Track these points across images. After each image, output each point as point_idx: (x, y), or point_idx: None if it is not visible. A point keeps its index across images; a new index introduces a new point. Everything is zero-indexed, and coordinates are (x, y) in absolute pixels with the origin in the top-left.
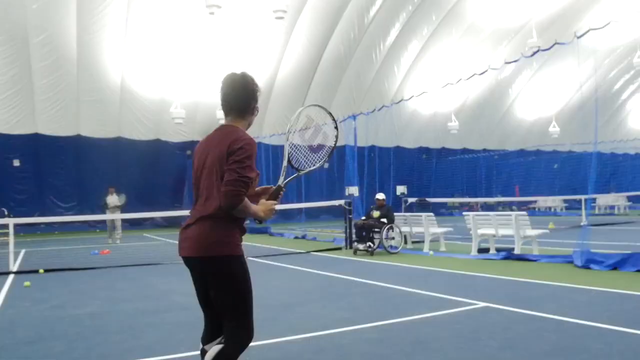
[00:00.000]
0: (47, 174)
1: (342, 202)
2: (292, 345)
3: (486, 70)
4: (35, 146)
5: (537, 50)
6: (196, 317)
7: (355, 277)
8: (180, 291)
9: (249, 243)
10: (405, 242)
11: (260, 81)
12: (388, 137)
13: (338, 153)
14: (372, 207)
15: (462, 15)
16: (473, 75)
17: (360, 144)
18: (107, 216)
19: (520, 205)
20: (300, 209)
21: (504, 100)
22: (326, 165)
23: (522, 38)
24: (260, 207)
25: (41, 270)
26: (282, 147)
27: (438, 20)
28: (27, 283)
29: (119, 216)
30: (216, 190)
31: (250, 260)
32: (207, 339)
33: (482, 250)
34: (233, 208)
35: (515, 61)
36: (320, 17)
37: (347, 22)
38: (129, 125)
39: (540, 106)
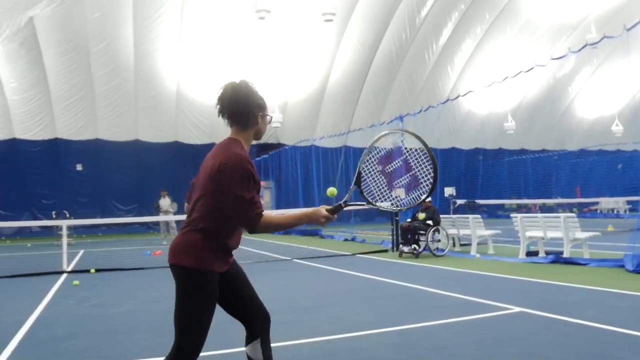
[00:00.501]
0: (107, 178)
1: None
2: (304, 348)
3: (532, 68)
4: (97, 151)
5: (585, 46)
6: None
7: (393, 279)
8: None
9: (297, 245)
10: (454, 245)
11: (312, 84)
12: (443, 138)
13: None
14: (418, 209)
15: (517, 12)
16: (519, 73)
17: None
18: (159, 218)
19: (582, 207)
20: (350, 211)
21: (562, 99)
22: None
23: (580, 34)
24: (312, 211)
25: (92, 270)
26: (333, 149)
27: (492, 18)
28: (76, 282)
29: (171, 218)
30: (201, 205)
31: (293, 262)
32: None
33: (532, 254)
34: (254, 231)
35: (561, 57)
36: (370, 18)
37: (398, 23)
38: (185, 129)
39: (602, 104)
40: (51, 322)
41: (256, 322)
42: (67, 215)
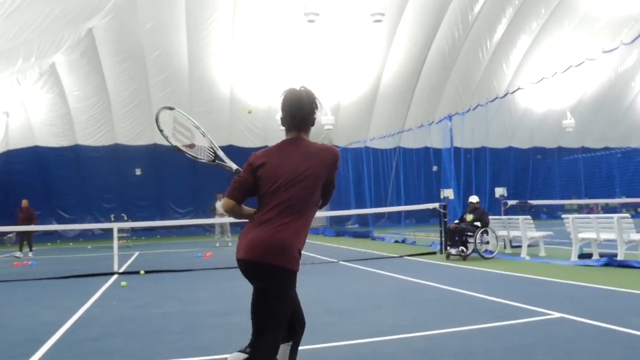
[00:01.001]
0: (165, 182)
1: (436, 205)
2: (331, 352)
3: (582, 62)
4: (154, 155)
5: (638, 37)
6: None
7: (435, 282)
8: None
9: (347, 247)
10: (505, 247)
11: (364, 85)
12: (499, 137)
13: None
14: (465, 210)
15: (574, 5)
16: (569, 68)
17: (466, 144)
18: (214, 220)
19: None
20: (400, 213)
21: (626, 94)
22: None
23: None
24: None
25: (142, 272)
26: (385, 150)
27: (548, 12)
28: (123, 283)
29: (226, 220)
30: (309, 199)
31: (339, 264)
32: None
33: (585, 256)
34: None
35: (613, 50)
36: (421, 17)
37: (450, 20)
38: (239, 133)
39: None
40: (91, 322)
41: (296, 326)
42: (125, 219)
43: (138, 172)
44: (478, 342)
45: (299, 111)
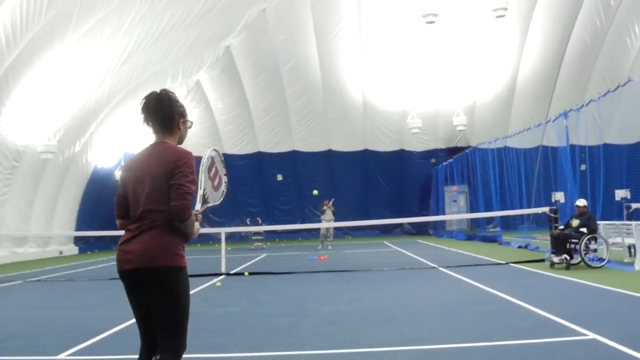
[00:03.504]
0: (305, 187)
1: (546, 209)
2: (345, 357)
3: None
4: (294, 162)
5: None
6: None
7: (505, 293)
8: (323, 298)
9: (466, 252)
10: (630, 255)
11: (499, 83)
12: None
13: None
14: (572, 215)
15: None
16: None
17: (590, 142)
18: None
19: None
20: (522, 216)
21: None
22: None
23: None
24: (195, 227)
25: (246, 273)
26: (527, 149)
27: None
28: (218, 284)
29: (337, 224)
30: (162, 205)
31: (437, 270)
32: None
33: None
34: (183, 221)
35: None
36: (556, 9)
37: (589, 8)
38: (374, 137)
39: None
40: None
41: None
42: (260, 222)
43: (279, 177)
44: (504, 358)
45: (148, 115)
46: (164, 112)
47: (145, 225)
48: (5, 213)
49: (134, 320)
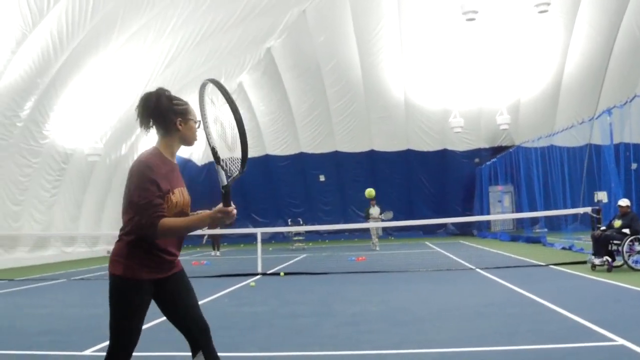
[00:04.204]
0: (347, 187)
1: (588, 209)
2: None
3: None
4: (336, 162)
5: None
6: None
7: (538, 296)
8: (353, 299)
9: (508, 253)
10: None
11: (544, 80)
12: None
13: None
14: (615, 215)
15: None
16: None
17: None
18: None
19: None
20: (566, 217)
21: None
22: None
23: None
24: (212, 211)
25: (282, 274)
26: (571, 149)
27: None
28: (252, 284)
29: (379, 225)
30: (123, 214)
31: (475, 271)
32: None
33: None
34: (152, 237)
35: None
36: (602, 3)
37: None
38: (416, 137)
39: None
40: None
41: (194, 334)
42: (301, 223)
43: (322, 178)
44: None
45: (140, 118)
46: (153, 112)
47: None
48: (55, 214)
49: (162, 318)
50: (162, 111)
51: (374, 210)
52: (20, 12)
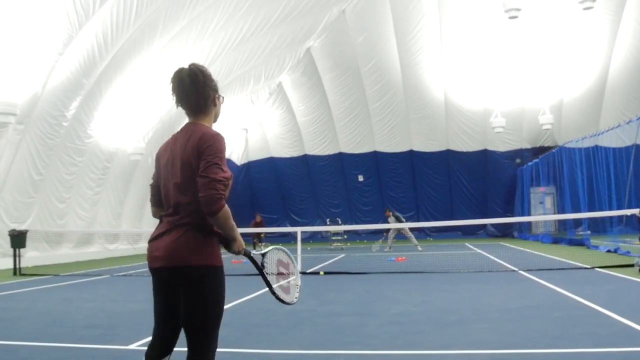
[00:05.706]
0: (386, 187)
1: (635, 211)
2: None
3: None
4: (375, 162)
5: None
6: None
7: (585, 299)
8: (393, 299)
9: (551, 255)
10: None
11: (589, 79)
12: None
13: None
14: None
15: None
16: None
17: None
18: (404, 225)
19: None
20: (612, 219)
21: None
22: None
23: None
24: (241, 240)
25: (321, 273)
26: (616, 149)
27: None
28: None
29: (418, 224)
30: (192, 196)
31: (517, 273)
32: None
33: None
34: (214, 214)
35: None
36: None
37: None
38: (456, 137)
39: None
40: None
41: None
42: (339, 223)
43: (360, 178)
44: None
45: (179, 94)
46: (199, 89)
47: (176, 221)
48: (98, 211)
49: None
50: (207, 88)
51: (391, 220)
52: (67, 14)
